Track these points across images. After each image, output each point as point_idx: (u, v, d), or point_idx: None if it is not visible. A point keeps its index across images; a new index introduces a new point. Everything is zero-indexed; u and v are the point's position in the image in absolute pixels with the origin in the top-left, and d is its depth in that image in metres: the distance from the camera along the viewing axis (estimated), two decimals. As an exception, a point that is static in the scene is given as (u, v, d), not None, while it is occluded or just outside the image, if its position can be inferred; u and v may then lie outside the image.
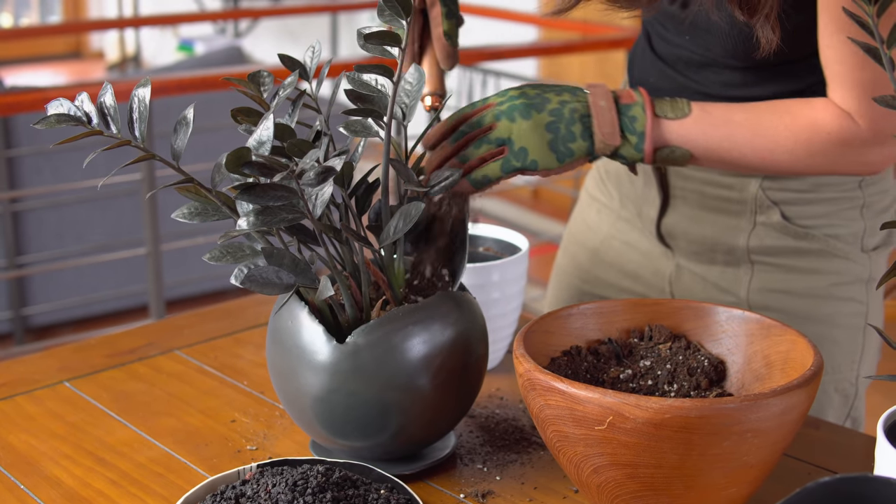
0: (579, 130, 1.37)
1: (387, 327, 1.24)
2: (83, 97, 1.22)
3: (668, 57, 1.68)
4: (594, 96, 1.39)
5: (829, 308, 1.67)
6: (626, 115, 1.39)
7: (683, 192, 1.69)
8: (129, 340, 1.72)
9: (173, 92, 3.37)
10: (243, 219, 1.17)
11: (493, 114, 1.36)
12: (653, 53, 1.72)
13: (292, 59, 1.33)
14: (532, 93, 1.38)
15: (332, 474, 1.17)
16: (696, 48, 1.61)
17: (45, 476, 1.34)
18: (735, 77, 1.60)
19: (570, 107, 1.38)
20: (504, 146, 1.35)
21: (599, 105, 1.38)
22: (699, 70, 1.63)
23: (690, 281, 1.74)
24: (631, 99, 1.40)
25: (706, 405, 1.08)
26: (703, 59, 1.62)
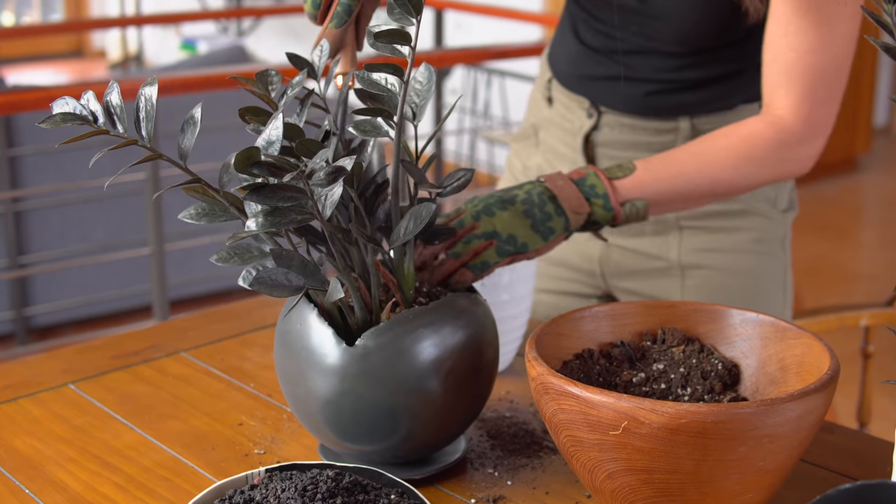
0: (552, 209, 1.46)
1: (397, 330, 1.23)
2: (89, 96, 1.20)
3: (600, 47, 1.78)
4: (550, 180, 1.48)
5: (754, 262, 1.82)
6: (584, 185, 1.48)
7: None
8: (133, 342, 1.71)
9: (178, 91, 3.36)
10: (252, 220, 1.15)
11: (472, 214, 1.43)
12: (580, 44, 1.81)
13: (300, 58, 1.31)
14: (498, 192, 1.46)
15: (342, 479, 1.16)
16: (635, 38, 1.72)
17: (50, 480, 1.33)
18: (670, 62, 1.72)
19: (536, 192, 1.47)
20: (492, 239, 1.42)
21: (558, 185, 1.47)
22: (633, 56, 1.74)
23: (620, 256, 1.86)
24: (582, 173, 1.50)
25: (723, 410, 1.06)
26: (639, 47, 1.72)
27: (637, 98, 1.77)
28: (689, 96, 1.75)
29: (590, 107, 1.82)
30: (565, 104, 1.87)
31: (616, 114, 1.80)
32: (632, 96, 1.78)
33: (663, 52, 1.72)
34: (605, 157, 1.82)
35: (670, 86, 1.75)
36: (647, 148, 1.78)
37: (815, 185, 6.85)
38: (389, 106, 1.27)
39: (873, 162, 7.51)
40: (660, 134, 1.78)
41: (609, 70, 1.78)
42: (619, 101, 1.79)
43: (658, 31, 1.69)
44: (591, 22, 1.79)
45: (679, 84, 1.74)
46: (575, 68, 1.84)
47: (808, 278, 5.32)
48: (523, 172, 1.97)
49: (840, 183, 7.07)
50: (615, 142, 1.81)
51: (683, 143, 1.71)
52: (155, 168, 3.51)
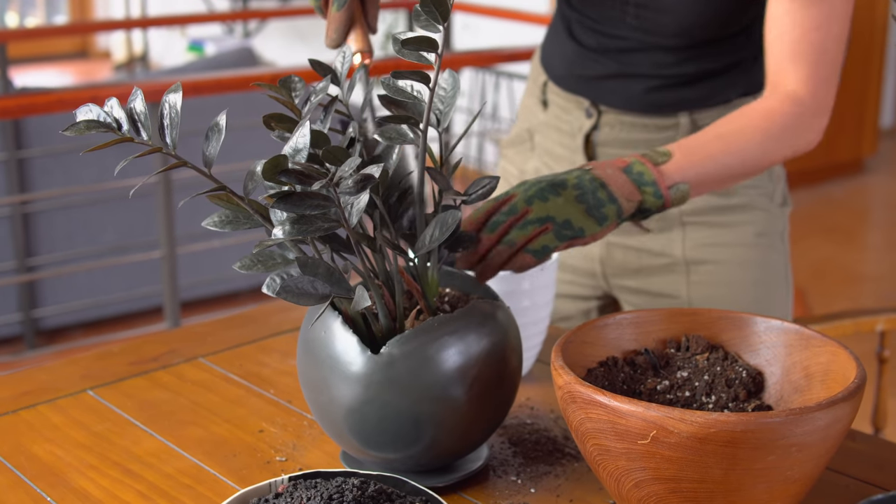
0: (605, 195, 1.41)
1: (422, 338, 1.22)
2: (112, 103, 1.20)
3: (596, 46, 1.78)
4: (598, 168, 1.44)
5: (758, 255, 1.84)
6: (632, 173, 1.44)
7: None
8: (151, 348, 1.70)
9: (188, 94, 3.36)
10: (278, 227, 1.15)
11: (524, 199, 1.39)
12: (576, 44, 1.81)
13: (323, 65, 1.31)
14: (547, 177, 1.42)
15: (368, 487, 1.15)
16: (633, 34, 1.73)
17: (71, 488, 1.32)
18: (669, 57, 1.74)
19: (587, 178, 1.42)
20: (547, 223, 1.38)
21: (608, 173, 1.43)
22: (632, 53, 1.75)
23: (622, 255, 1.86)
24: (625, 161, 1.46)
25: (752, 419, 1.06)
26: (639, 43, 1.73)
27: (637, 95, 1.79)
28: (688, 91, 1.77)
29: (589, 106, 1.84)
30: (562, 106, 1.88)
31: (616, 112, 1.81)
32: (632, 93, 1.79)
33: (663, 46, 1.74)
34: (605, 157, 1.83)
35: (670, 81, 1.77)
36: (647, 145, 1.79)
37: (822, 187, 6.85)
38: (415, 113, 1.27)
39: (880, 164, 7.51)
40: (660, 130, 1.80)
41: (607, 68, 1.80)
42: (618, 99, 1.80)
43: (659, 24, 1.71)
44: (586, 21, 1.80)
45: (679, 79, 1.76)
46: (571, 69, 1.85)
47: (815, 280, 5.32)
48: (519, 178, 1.97)
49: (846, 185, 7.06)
50: (615, 140, 1.83)
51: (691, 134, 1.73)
52: (167, 172, 3.51)
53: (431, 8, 1.20)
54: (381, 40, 7.98)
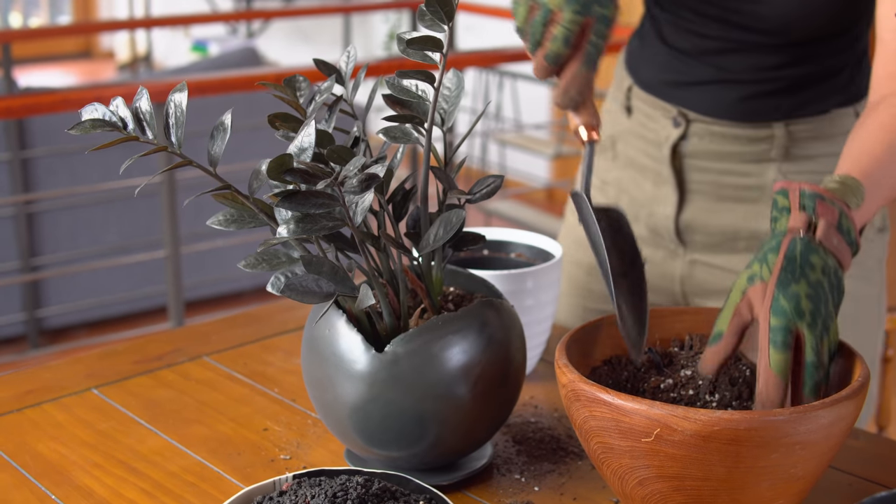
0: (843, 280, 1.23)
1: (426, 336, 1.23)
2: (118, 102, 1.20)
3: (689, 49, 1.68)
4: (828, 242, 1.22)
5: (850, 286, 1.62)
6: (844, 233, 1.24)
7: (700, 185, 1.70)
8: (155, 347, 1.71)
9: (192, 94, 3.36)
10: (283, 226, 1.15)
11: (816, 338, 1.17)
12: (668, 48, 1.71)
13: (328, 64, 1.31)
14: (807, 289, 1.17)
15: (372, 485, 1.15)
16: (730, 33, 1.62)
17: (76, 486, 1.33)
18: (769, 59, 1.62)
19: (833, 269, 1.21)
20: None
21: (835, 245, 1.22)
22: (728, 56, 1.64)
23: (706, 275, 1.74)
24: (835, 214, 1.23)
25: (755, 417, 1.06)
26: (737, 43, 1.62)
27: (732, 102, 1.68)
28: (786, 99, 1.66)
29: (677, 115, 1.72)
30: (647, 113, 1.78)
31: (706, 122, 1.70)
32: (726, 101, 1.68)
33: (763, 46, 1.62)
34: (694, 169, 1.72)
35: (768, 87, 1.66)
36: (738, 158, 1.69)
37: None
38: (419, 112, 1.27)
39: None
40: (753, 143, 1.69)
41: (701, 74, 1.69)
42: (711, 106, 1.69)
43: (759, 17, 1.59)
44: (679, 22, 1.69)
45: (777, 83, 1.65)
46: (661, 73, 1.74)
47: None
48: (600, 188, 1.87)
49: None
50: (705, 152, 1.72)
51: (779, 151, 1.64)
52: (170, 171, 3.52)
53: (437, 8, 1.20)
54: (385, 41, 7.99)
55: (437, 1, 1.20)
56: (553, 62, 1.28)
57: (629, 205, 1.80)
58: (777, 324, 1.15)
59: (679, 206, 1.72)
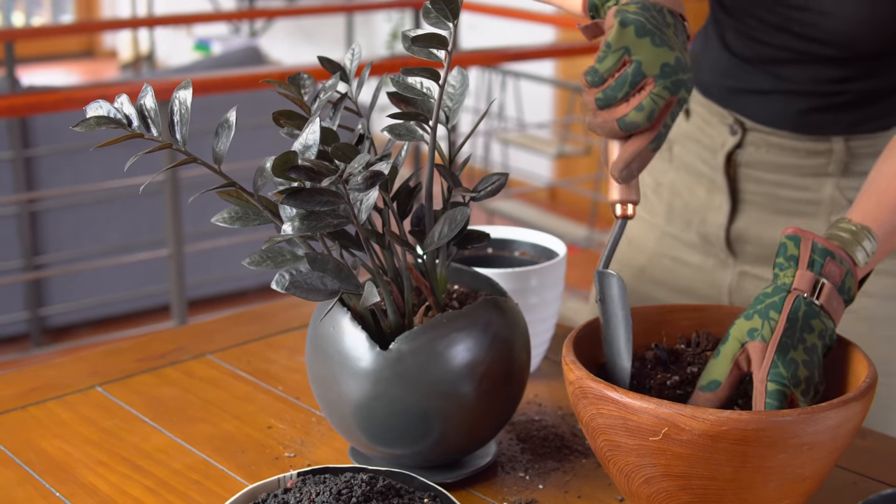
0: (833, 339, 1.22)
1: (430, 334, 1.22)
2: (123, 99, 1.20)
3: (751, 56, 1.64)
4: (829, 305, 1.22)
5: (888, 307, 1.63)
6: (844, 292, 1.23)
7: (754, 196, 1.66)
8: (159, 344, 1.71)
9: (195, 92, 3.36)
10: (288, 223, 1.15)
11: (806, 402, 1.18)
12: (729, 54, 1.67)
13: (332, 62, 1.31)
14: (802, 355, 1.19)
15: (376, 483, 1.15)
16: (793, 43, 1.57)
17: (80, 483, 1.32)
18: (833, 72, 1.57)
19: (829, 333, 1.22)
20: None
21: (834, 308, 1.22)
22: (790, 67, 1.59)
23: (756, 288, 1.69)
24: (841, 273, 1.23)
25: (763, 418, 1.06)
26: (798, 54, 1.57)
27: (791, 114, 1.63)
28: (848, 114, 1.60)
29: (734, 122, 1.68)
30: (705, 118, 1.74)
31: (763, 131, 1.65)
32: (785, 111, 1.63)
33: (825, 58, 1.57)
34: (748, 179, 1.68)
35: (829, 100, 1.60)
36: (795, 171, 1.64)
37: None
38: (424, 110, 1.27)
39: None
40: (811, 156, 1.63)
41: (761, 82, 1.64)
42: (769, 116, 1.65)
43: (822, 30, 1.54)
44: (743, 29, 1.64)
45: (839, 98, 1.60)
46: (721, 79, 1.70)
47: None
48: (654, 189, 1.82)
49: None
50: (760, 163, 1.67)
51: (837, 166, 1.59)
52: (174, 169, 3.52)
53: (442, 5, 1.20)
54: (388, 39, 7.99)
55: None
56: (627, 129, 1.17)
57: (682, 209, 1.76)
58: (774, 388, 1.17)
59: (731, 216, 1.68)
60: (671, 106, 1.17)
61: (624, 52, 1.15)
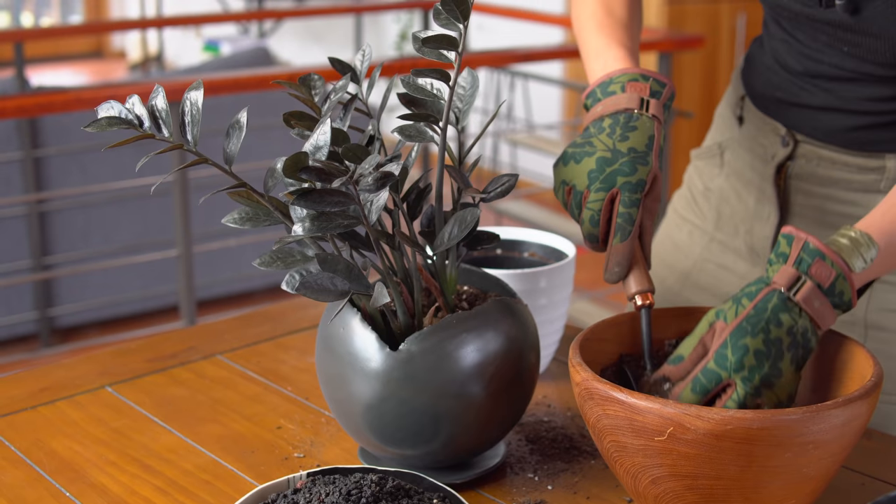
0: (814, 339, 1.23)
1: (440, 335, 1.23)
2: (134, 100, 1.21)
3: (802, 71, 1.60)
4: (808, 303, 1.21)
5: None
6: (834, 295, 1.22)
7: (803, 208, 1.64)
8: (169, 345, 1.71)
9: (205, 93, 3.36)
10: (298, 224, 1.15)
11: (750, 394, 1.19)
12: (780, 67, 1.64)
13: (343, 63, 1.31)
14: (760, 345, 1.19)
15: (386, 483, 1.16)
16: (845, 61, 1.54)
17: (90, 483, 1.33)
18: (883, 90, 1.53)
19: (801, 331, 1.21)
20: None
21: (816, 308, 1.22)
22: (843, 84, 1.56)
23: None
24: (830, 275, 1.22)
25: (768, 416, 1.07)
26: (851, 72, 1.54)
27: (843, 130, 1.59)
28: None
29: (786, 134, 1.64)
30: (758, 126, 1.70)
31: (815, 145, 1.62)
32: (836, 127, 1.59)
33: (878, 77, 1.52)
34: (798, 192, 1.64)
35: (882, 119, 1.55)
36: (846, 186, 1.60)
37: None
38: (434, 111, 1.28)
39: None
40: (863, 172, 1.58)
41: (812, 97, 1.61)
42: (820, 131, 1.61)
43: (872, 50, 1.50)
44: (794, 43, 1.61)
45: (892, 116, 1.55)
46: (772, 91, 1.66)
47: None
48: (703, 194, 1.80)
49: None
50: (812, 176, 1.63)
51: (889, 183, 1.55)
52: (183, 170, 3.52)
53: (452, 6, 1.21)
54: (396, 41, 7.99)
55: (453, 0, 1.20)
56: (591, 242, 1.35)
57: (729, 217, 1.74)
58: (710, 369, 1.19)
59: (779, 228, 1.66)
60: (616, 197, 1.32)
61: (563, 184, 1.36)
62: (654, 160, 1.35)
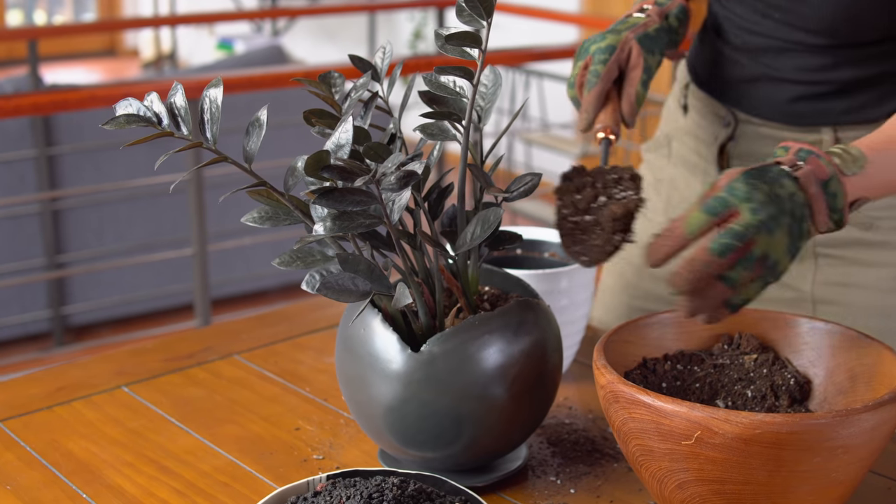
0: (808, 226, 1.22)
1: (463, 336, 1.21)
2: (153, 97, 1.19)
3: (741, 45, 1.65)
4: (806, 182, 1.22)
5: (892, 302, 1.62)
6: (828, 192, 1.23)
7: None
8: (185, 345, 1.70)
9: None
10: (319, 224, 1.14)
11: (753, 225, 1.15)
12: (723, 43, 1.69)
13: (363, 61, 1.30)
14: (766, 188, 1.18)
15: (407, 487, 1.14)
16: (777, 31, 1.58)
17: (107, 484, 1.32)
18: (817, 59, 1.57)
19: (798, 201, 1.20)
20: (761, 265, 1.17)
21: (813, 192, 1.22)
22: (777, 55, 1.61)
23: None
24: (825, 173, 1.22)
25: (797, 421, 1.05)
26: (782, 43, 1.59)
27: (779, 103, 1.62)
28: (836, 102, 1.59)
29: (727, 114, 1.69)
30: (701, 112, 1.75)
31: (754, 123, 1.66)
32: (774, 101, 1.63)
33: (808, 46, 1.57)
34: None
35: (817, 89, 1.60)
36: None
37: None
38: (456, 109, 1.26)
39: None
40: None
41: (750, 71, 1.65)
42: (759, 106, 1.65)
43: (801, 17, 1.55)
44: (732, 17, 1.66)
45: (826, 87, 1.59)
46: (715, 69, 1.71)
47: None
48: (654, 186, 1.83)
49: None
50: (753, 154, 1.66)
51: None
52: (198, 168, 3.52)
53: (476, 3, 1.19)
54: (410, 39, 7.98)
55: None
56: (575, 105, 1.54)
57: (679, 203, 1.77)
58: (721, 196, 1.17)
59: None
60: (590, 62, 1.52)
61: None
62: (628, 33, 1.53)
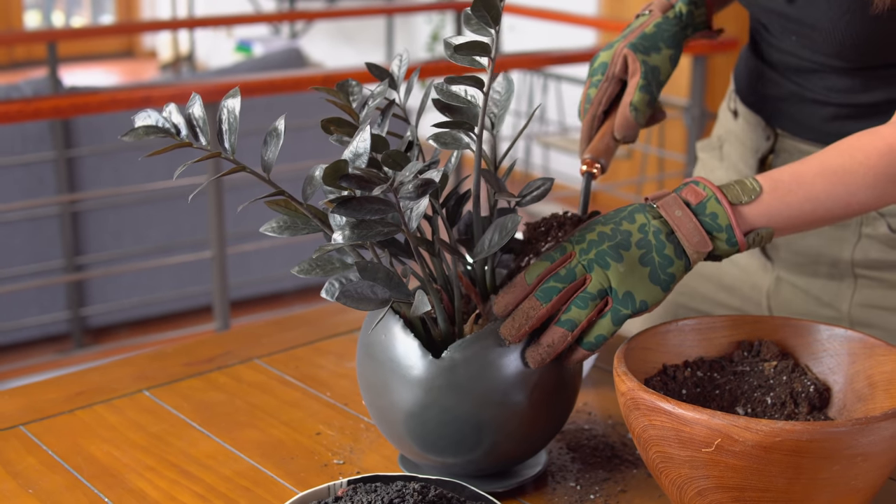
0: (672, 251, 1.26)
1: (483, 342, 1.22)
2: (171, 108, 1.20)
3: (775, 62, 1.63)
4: (666, 208, 1.28)
5: None
6: (705, 215, 1.27)
7: None
8: (206, 349, 1.71)
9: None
10: (338, 232, 1.14)
11: (582, 265, 1.24)
12: (758, 59, 1.67)
13: (380, 68, 1.30)
14: (608, 230, 1.27)
15: (428, 492, 1.15)
16: (802, 51, 1.56)
17: (129, 489, 1.33)
18: (842, 82, 1.54)
19: (653, 230, 1.27)
20: (606, 298, 1.24)
21: (676, 216, 1.27)
22: (808, 75, 1.58)
23: (790, 294, 1.68)
24: (699, 196, 1.28)
25: (817, 429, 1.05)
26: (810, 63, 1.56)
27: (815, 122, 1.60)
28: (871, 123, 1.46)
29: (766, 127, 1.67)
30: (747, 119, 1.72)
31: (793, 139, 1.63)
32: (809, 120, 1.60)
33: (834, 68, 1.54)
34: None
35: (849, 110, 1.56)
36: None
37: None
38: (469, 117, 1.26)
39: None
40: None
41: (784, 89, 1.63)
42: (795, 124, 1.63)
43: (815, 41, 1.51)
44: (766, 35, 1.63)
45: (858, 109, 1.55)
46: (753, 84, 1.69)
47: None
48: None
49: None
50: None
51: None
52: (216, 172, 3.52)
53: (483, 12, 1.19)
54: (428, 42, 7.99)
55: (483, 4, 1.19)
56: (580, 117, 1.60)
57: None
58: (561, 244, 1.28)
59: None
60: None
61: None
62: (620, 44, 1.54)
